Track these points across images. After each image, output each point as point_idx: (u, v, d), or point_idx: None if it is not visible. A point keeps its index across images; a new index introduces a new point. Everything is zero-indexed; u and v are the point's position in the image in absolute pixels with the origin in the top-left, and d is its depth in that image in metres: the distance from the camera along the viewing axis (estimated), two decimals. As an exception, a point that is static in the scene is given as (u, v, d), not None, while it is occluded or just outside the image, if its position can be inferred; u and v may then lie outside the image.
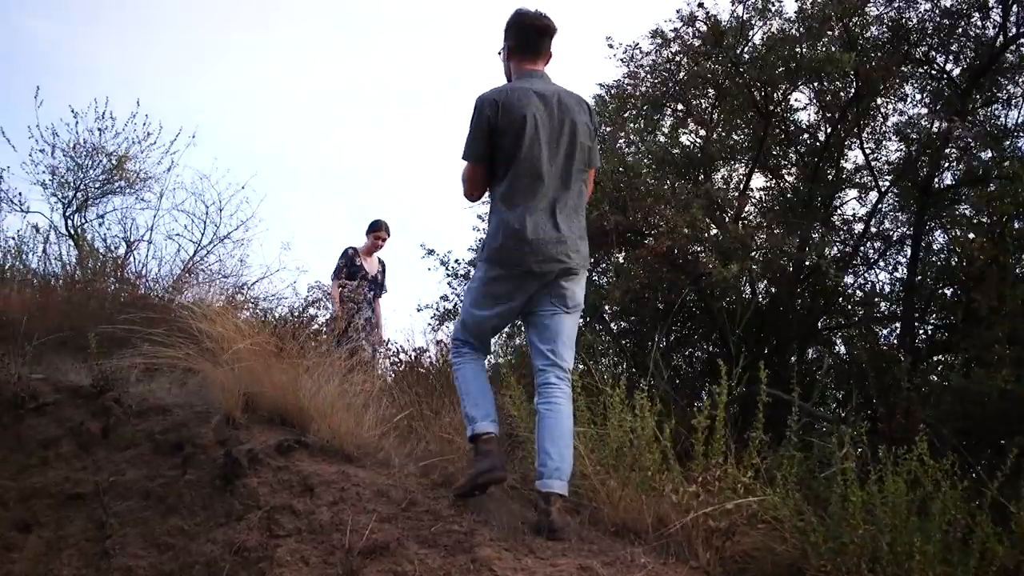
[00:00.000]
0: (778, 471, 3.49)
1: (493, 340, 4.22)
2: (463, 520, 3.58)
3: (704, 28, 7.86)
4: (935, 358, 7.64)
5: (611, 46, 8.79)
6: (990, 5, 7.83)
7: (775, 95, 8.00)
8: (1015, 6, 7.54)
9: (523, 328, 3.98)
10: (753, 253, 7.12)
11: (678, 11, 8.15)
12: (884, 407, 5.68)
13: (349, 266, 7.91)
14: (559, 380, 3.69)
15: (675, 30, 8.08)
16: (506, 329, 6.35)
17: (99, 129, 7.98)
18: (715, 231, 7.12)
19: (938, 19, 7.91)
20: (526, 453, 4.32)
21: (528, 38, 3.88)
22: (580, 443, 3.90)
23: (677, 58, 8.14)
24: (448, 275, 9.55)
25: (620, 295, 6.77)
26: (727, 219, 7.42)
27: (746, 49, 7.84)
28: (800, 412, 3.84)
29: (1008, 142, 7.74)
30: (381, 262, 8.26)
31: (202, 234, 7.87)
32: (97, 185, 7.92)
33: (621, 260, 7.76)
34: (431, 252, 9.69)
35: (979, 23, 7.98)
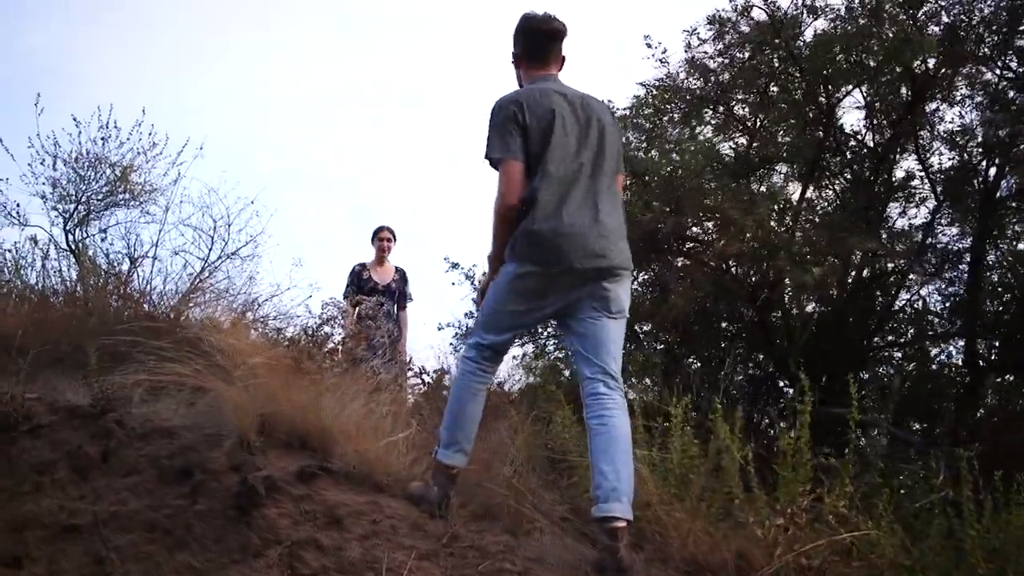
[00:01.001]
0: (872, 501, 3.03)
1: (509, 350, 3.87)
2: (515, 558, 3.16)
3: (762, 17, 7.49)
4: (1006, 378, 7.18)
5: (649, 45, 8.48)
6: None
7: (832, 94, 7.61)
8: None
9: (565, 339, 3.57)
10: (830, 259, 6.70)
11: (732, 1, 7.88)
12: (965, 430, 5.24)
13: (357, 283, 7.54)
14: (610, 389, 3.36)
15: (730, 20, 7.74)
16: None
17: (102, 139, 7.59)
18: (775, 235, 6.69)
19: (1003, 15, 7.48)
20: (578, 479, 3.90)
21: (537, 43, 3.74)
22: (640, 465, 3.48)
23: (731, 51, 7.78)
24: (474, 288, 9.07)
25: (683, 304, 6.33)
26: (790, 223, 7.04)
27: (801, 42, 7.48)
28: (888, 434, 3.40)
29: None
30: (398, 270, 7.89)
31: (209, 250, 7.43)
32: (100, 198, 7.51)
33: (680, 266, 7.33)
34: (455, 265, 9.27)
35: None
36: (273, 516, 3.49)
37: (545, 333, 8.68)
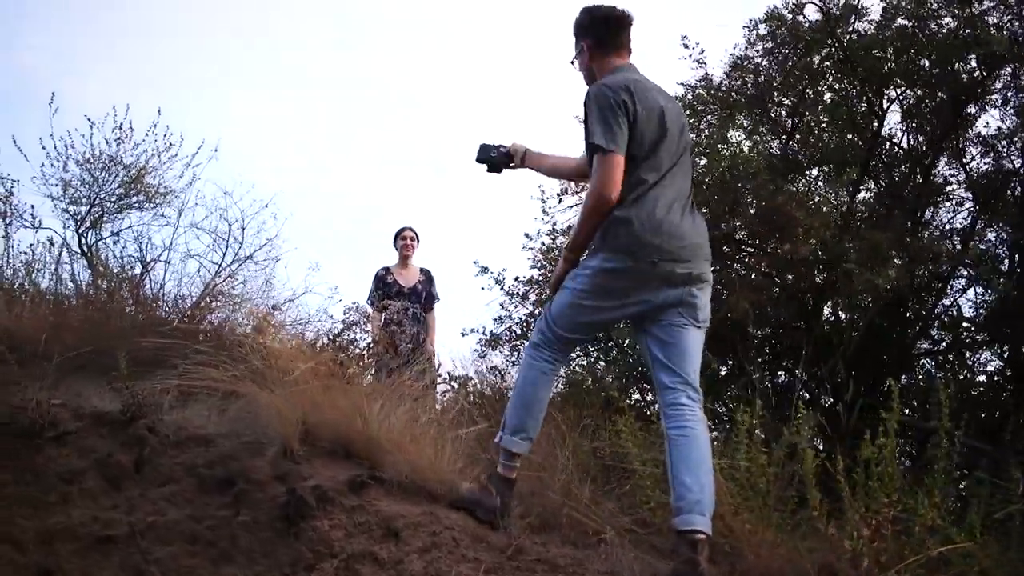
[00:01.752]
0: (967, 511, 2.91)
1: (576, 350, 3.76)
2: (585, 571, 3.02)
3: (815, 16, 7.38)
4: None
5: (687, 46, 8.38)
6: None
7: (882, 95, 7.51)
8: None
9: (640, 343, 3.44)
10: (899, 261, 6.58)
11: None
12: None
13: (380, 287, 7.42)
14: (691, 402, 3.24)
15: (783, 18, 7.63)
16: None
17: (116, 140, 7.40)
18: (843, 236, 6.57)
19: None
20: (632, 488, 3.76)
21: (609, 32, 3.61)
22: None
23: (781, 49, 7.69)
24: (505, 294, 8.90)
25: (749, 305, 6.19)
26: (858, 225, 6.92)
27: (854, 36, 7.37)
28: (963, 443, 3.27)
29: None
30: (423, 271, 7.77)
31: (224, 254, 7.24)
32: (113, 199, 7.32)
33: (743, 270, 7.19)
34: (485, 270, 9.11)
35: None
36: (325, 528, 3.33)
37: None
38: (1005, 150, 7.71)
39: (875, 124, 7.69)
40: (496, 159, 4.08)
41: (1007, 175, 7.59)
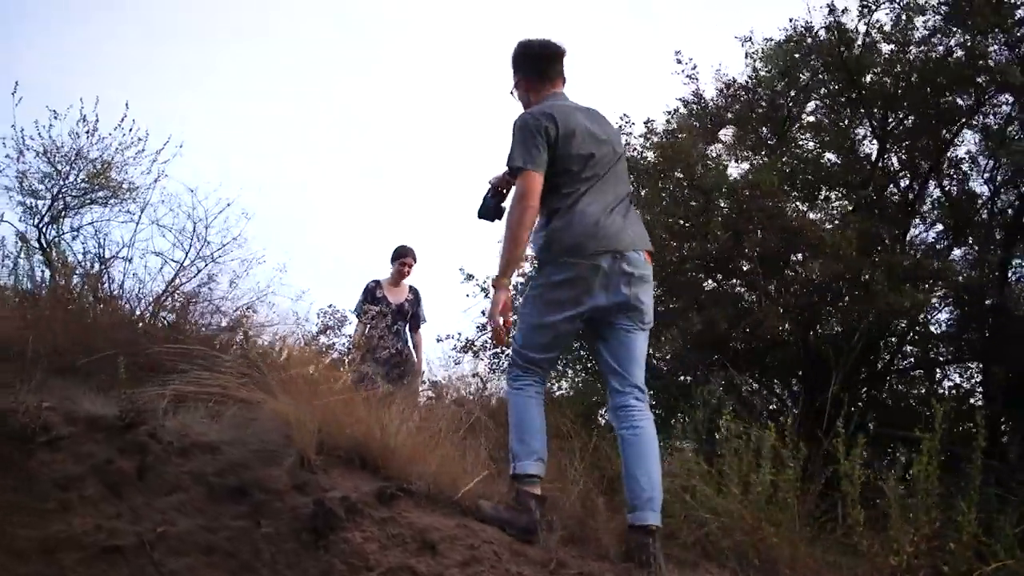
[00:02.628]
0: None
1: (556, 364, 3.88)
2: (630, 586, 3.02)
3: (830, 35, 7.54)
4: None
5: (679, 61, 8.51)
6: None
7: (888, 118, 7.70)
8: None
9: (591, 347, 3.61)
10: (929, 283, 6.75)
11: (791, 19, 7.99)
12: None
13: (370, 300, 7.39)
14: (639, 402, 3.50)
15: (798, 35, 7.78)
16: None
17: (78, 133, 7.17)
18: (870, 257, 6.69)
19: None
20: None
21: (541, 66, 3.87)
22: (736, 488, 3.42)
23: (795, 71, 7.82)
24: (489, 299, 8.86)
25: (776, 324, 6.28)
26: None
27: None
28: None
29: None
30: (413, 290, 7.77)
31: (187, 252, 7.07)
32: (75, 194, 7.08)
33: (771, 288, 7.26)
34: (470, 277, 9.08)
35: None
36: (357, 540, 3.27)
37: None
38: (973, 173, 8.04)
39: (864, 144, 7.91)
40: (490, 203, 4.19)
41: (971, 197, 7.90)
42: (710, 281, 7.47)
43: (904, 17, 7.76)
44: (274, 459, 3.82)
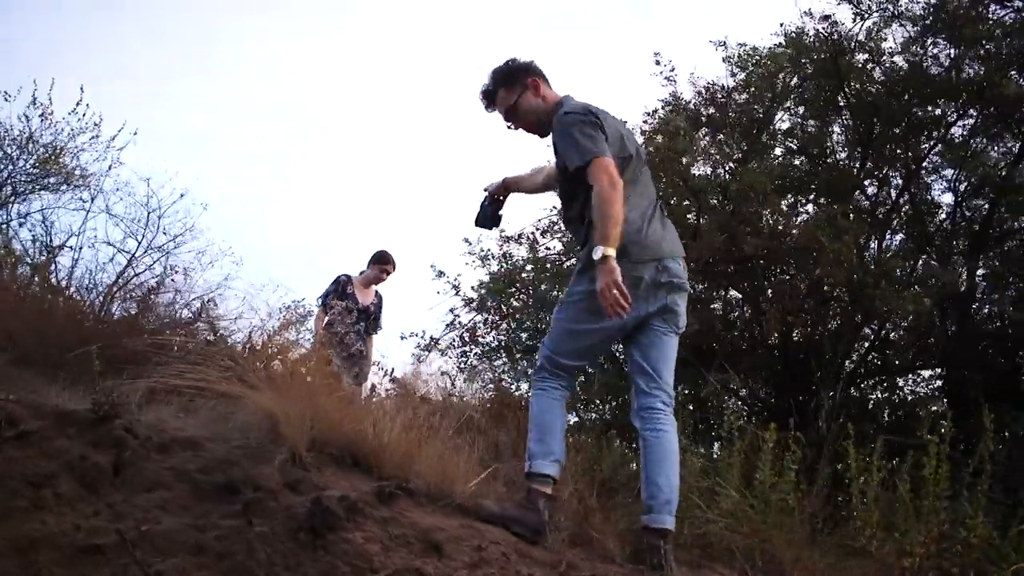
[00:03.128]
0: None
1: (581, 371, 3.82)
2: (641, 588, 3.00)
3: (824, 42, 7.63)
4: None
5: (658, 63, 8.52)
6: None
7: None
8: None
9: (624, 348, 3.58)
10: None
11: (782, 24, 8.07)
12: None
13: (339, 294, 7.23)
14: (665, 406, 3.46)
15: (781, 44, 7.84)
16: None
17: (28, 116, 6.87)
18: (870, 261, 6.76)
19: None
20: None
21: (540, 68, 3.83)
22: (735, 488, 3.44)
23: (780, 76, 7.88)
24: (463, 301, 8.76)
25: (780, 327, 6.30)
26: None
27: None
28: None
29: None
30: (378, 295, 7.62)
31: (140, 242, 6.85)
32: (25, 180, 6.78)
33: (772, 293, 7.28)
34: (441, 274, 8.95)
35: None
36: (359, 541, 3.18)
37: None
38: (934, 183, 8.27)
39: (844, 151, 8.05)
40: (487, 211, 4.14)
41: (932, 206, 8.13)
42: (705, 284, 7.53)
43: (884, 26, 7.93)
44: (263, 456, 3.71)
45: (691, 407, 4.13)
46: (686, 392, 6.67)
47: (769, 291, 7.35)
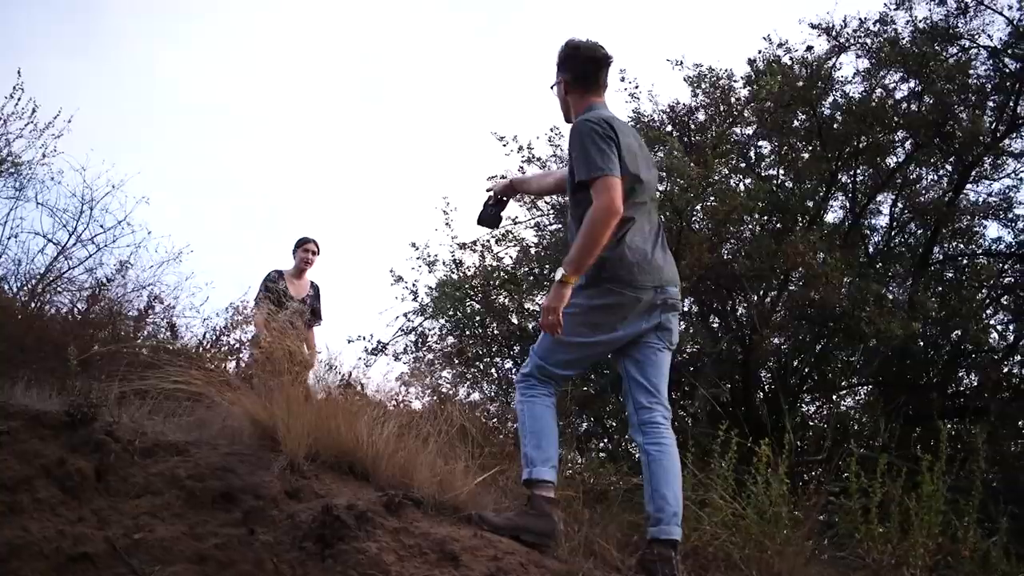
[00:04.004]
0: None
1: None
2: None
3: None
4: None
5: (623, 79, 8.62)
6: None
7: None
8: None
9: (617, 364, 3.65)
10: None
11: (760, 52, 8.27)
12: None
13: (270, 291, 7.02)
14: (664, 420, 3.51)
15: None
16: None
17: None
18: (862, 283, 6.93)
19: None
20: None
21: (588, 71, 3.74)
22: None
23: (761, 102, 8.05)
24: (419, 307, 8.66)
25: (774, 347, 6.41)
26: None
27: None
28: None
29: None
30: (314, 285, 7.43)
31: (72, 232, 6.60)
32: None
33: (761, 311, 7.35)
34: (399, 279, 8.81)
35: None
36: (373, 551, 3.15)
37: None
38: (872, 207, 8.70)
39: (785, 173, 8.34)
40: (491, 211, 4.16)
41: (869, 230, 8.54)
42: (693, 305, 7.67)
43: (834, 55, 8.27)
44: (259, 463, 3.65)
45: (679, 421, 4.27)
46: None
47: (745, 309, 7.54)
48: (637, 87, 8.71)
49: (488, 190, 4.12)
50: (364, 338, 8.96)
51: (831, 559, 3.46)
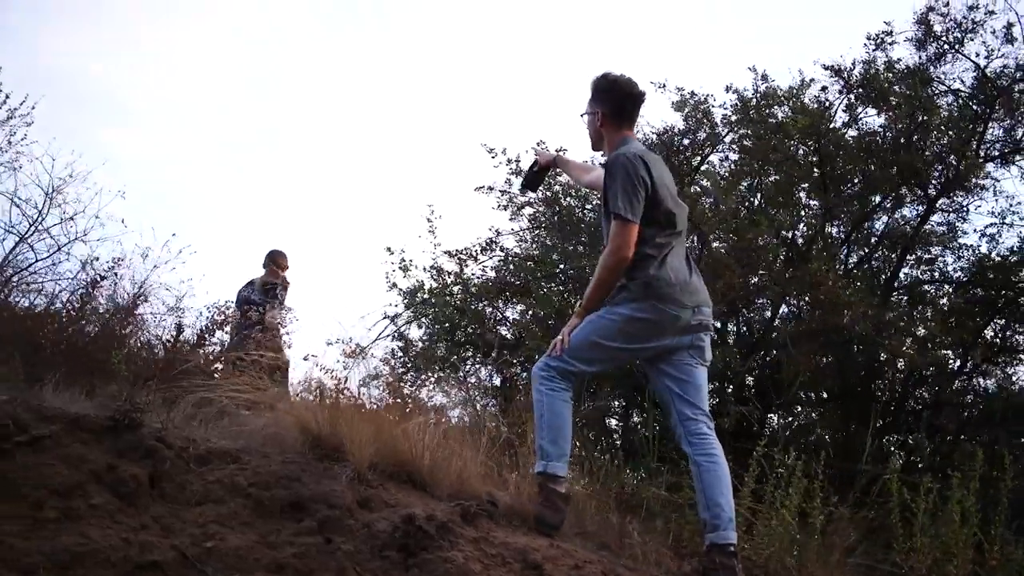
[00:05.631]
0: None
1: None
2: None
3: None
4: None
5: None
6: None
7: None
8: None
9: (651, 379, 3.92)
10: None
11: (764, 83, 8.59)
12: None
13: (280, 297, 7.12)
14: (710, 430, 3.74)
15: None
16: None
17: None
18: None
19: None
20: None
21: (625, 106, 3.97)
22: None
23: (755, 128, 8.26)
24: (409, 309, 8.62)
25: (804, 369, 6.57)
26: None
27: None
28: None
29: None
30: (284, 279, 7.50)
31: (33, 223, 6.40)
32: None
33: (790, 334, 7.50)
34: (394, 286, 8.78)
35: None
36: (460, 560, 3.23)
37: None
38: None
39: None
40: (533, 175, 4.40)
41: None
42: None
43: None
44: (322, 472, 3.67)
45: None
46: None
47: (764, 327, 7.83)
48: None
49: (536, 154, 4.32)
50: (342, 341, 8.92)
51: (867, 568, 3.72)
